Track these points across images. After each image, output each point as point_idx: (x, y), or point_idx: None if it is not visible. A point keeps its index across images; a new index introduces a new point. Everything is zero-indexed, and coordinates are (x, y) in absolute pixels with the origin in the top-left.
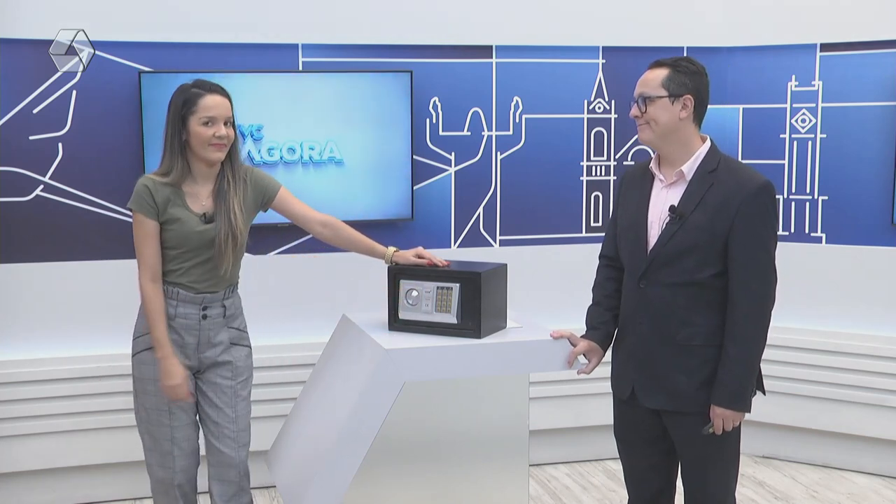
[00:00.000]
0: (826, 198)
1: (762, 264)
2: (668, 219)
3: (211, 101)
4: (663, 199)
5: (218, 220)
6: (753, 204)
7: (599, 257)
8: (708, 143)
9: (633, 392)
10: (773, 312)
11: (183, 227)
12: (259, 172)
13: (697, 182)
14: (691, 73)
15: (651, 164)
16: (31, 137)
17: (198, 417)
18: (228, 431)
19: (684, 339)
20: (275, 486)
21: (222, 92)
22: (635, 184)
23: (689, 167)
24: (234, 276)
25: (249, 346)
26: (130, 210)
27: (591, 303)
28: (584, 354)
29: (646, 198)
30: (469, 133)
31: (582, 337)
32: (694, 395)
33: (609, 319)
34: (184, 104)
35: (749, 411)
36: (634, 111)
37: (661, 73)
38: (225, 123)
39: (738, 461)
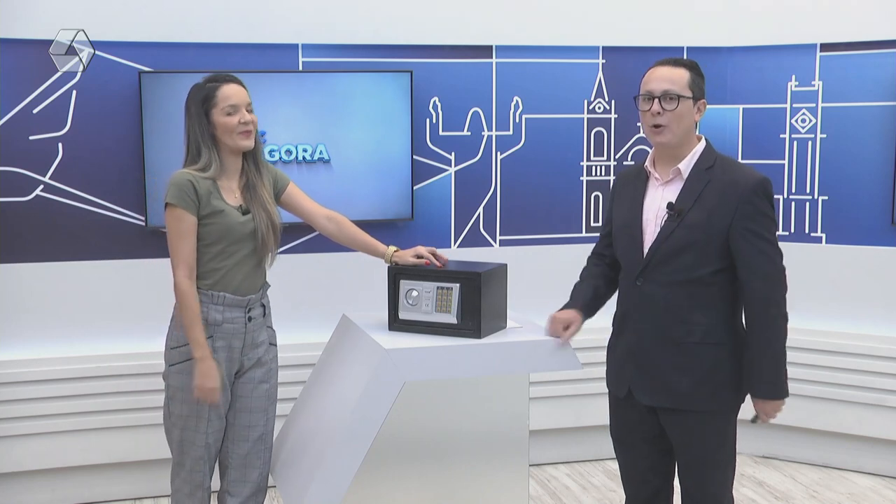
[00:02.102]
0: (826, 198)
1: (769, 255)
2: (666, 216)
3: (229, 90)
4: (659, 197)
5: (254, 211)
6: (752, 201)
7: (590, 256)
8: (703, 142)
9: (630, 390)
10: None
11: (226, 219)
12: (271, 166)
13: (694, 179)
14: (702, 77)
15: (646, 164)
16: (31, 137)
17: None
18: (259, 434)
19: (682, 337)
20: (275, 486)
21: (236, 80)
22: (629, 184)
23: (686, 165)
24: (265, 273)
25: (277, 345)
26: (168, 204)
27: (580, 279)
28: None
29: (640, 196)
30: (469, 133)
31: (568, 309)
32: (692, 393)
33: (588, 291)
34: (203, 100)
35: (787, 395)
36: (657, 108)
37: (684, 74)
38: (247, 110)
39: (735, 461)
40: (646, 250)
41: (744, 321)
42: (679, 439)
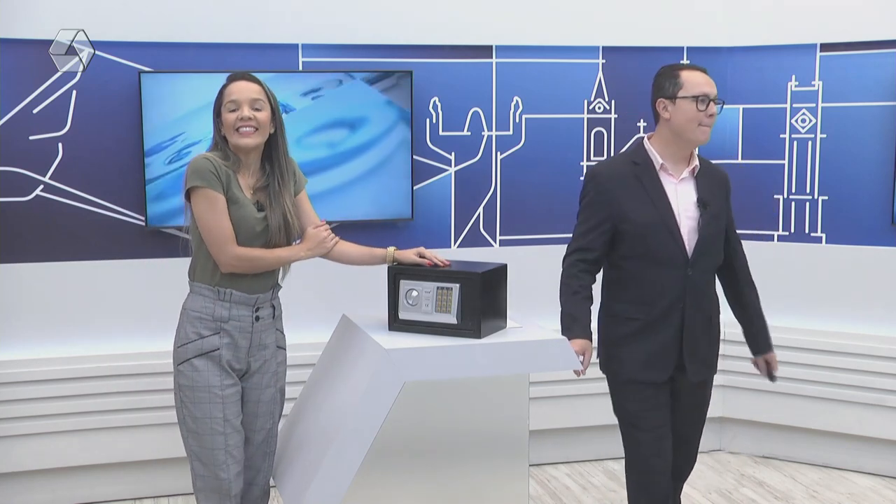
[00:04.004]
0: (826, 198)
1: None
2: (699, 210)
3: (234, 87)
4: (681, 193)
5: (270, 211)
6: (730, 191)
7: (578, 250)
8: None
9: (675, 372)
10: (772, 312)
11: (240, 211)
12: (295, 164)
13: (701, 176)
14: None
15: (660, 161)
16: (31, 137)
17: None
18: (264, 438)
19: (713, 314)
20: (275, 486)
21: (249, 78)
22: (630, 179)
23: (696, 164)
24: (277, 274)
25: (286, 348)
26: (193, 188)
27: (571, 293)
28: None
29: (662, 192)
30: (469, 133)
31: (578, 338)
32: (714, 359)
33: (588, 312)
34: (217, 98)
35: None
36: (713, 109)
37: None
38: (256, 109)
39: None
40: (687, 242)
41: (745, 287)
42: (695, 404)
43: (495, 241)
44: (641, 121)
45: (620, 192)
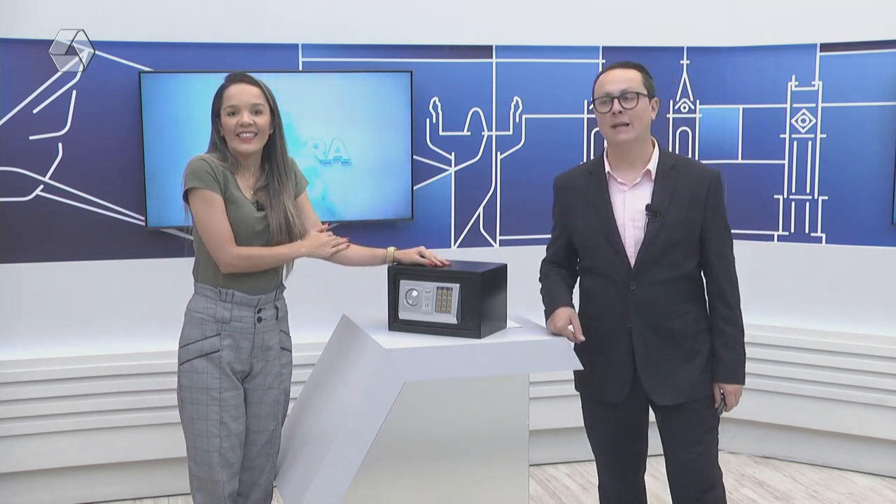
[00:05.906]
0: (826, 198)
1: (730, 246)
2: (647, 219)
3: (233, 90)
4: (630, 201)
5: (270, 211)
6: (716, 194)
7: (546, 263)
8: (656, 144)
9: (631, 392)
10: (772, 312)
11: (239, 211)
12: (296, 165)
13: (663, 179)
14: (651, 77)
15: (607, 169)
16: (31, 137)
17: None
18: (268, 439)
19: (680, 330)
20: (275, 486)
21: (248, 80)
22: (581, 189)
23: (653, 166)
24: (281, 274)
25: (291, 350)
26: (191, 190)
27: (543, 277)
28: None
29: (607, 202)
30: (469, 133)
31: (559, 307)
32: (697, 381)
33: (564, 286)
34: (215, 99)
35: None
36: (618, 107)
37: (636, 74)
38: (256, 113)
39: (717, 436)
40: (631, 254)
41: (717, 307)
42: (684, 427)
43: (495, 241)
44: None
45: (571, 201)
